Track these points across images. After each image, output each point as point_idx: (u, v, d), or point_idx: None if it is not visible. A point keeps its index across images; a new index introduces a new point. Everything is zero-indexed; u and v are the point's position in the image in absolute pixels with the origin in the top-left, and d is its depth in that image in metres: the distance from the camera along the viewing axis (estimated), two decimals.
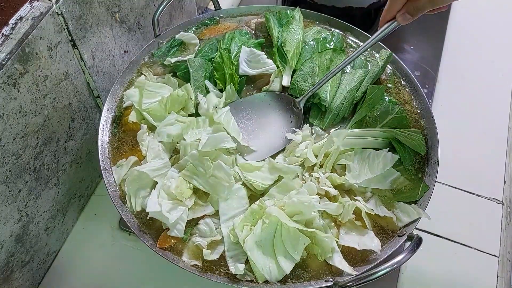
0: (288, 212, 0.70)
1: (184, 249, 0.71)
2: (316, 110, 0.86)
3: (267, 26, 0.97)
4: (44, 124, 0.74)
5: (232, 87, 0.85)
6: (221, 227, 0.71)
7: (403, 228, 0.74)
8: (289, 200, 0.71)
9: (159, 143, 0.78)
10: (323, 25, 1.00)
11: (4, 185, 0.69)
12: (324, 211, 0.73)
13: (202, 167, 0.73)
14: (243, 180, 0.75)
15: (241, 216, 0.71)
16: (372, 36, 0.77)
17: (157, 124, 0.80)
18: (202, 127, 0.79)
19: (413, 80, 0.90)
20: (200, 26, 0.98)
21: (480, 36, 1.28)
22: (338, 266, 0.69)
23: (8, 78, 0.63)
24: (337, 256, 0.69)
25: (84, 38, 0.79)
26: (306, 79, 0.87)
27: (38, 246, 0.82)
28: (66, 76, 0.77)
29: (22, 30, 0.65)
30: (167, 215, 0.69)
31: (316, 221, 0.71)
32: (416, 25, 1.28)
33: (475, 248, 0.94)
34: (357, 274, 0.66)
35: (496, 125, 1.12)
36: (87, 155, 0.90)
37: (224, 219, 0.72)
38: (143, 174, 0.73)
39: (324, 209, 0.72)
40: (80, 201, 0.93)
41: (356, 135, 0.81)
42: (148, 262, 0.87)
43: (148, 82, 0.83)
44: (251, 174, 0.75)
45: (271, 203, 0.72)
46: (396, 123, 0.84)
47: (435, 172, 0.78)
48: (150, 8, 0.98)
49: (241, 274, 0.67)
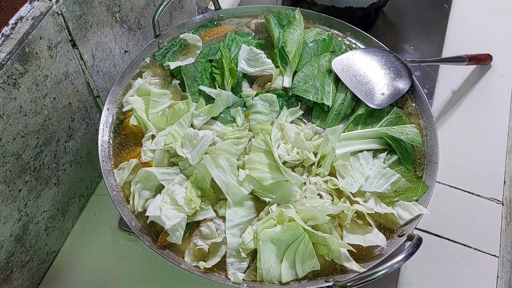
0: (303, 218, 0.71)
1: (185, 250, 0.71)
2: (319, 110, 0.87)
3: (267, 27, 0.97)
4: (44, 124, 0.74)
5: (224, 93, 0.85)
6: (226, 233, 0.72)
7: (404, 226, 0.74)
8: (302, 206, 0.71)
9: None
10: (323, 26, 1.00)
11: (4, 185, 0.69)
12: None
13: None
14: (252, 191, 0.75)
15: (249, 230, 0.71)
16: None
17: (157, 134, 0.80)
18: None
19: (414, 81, 0.91)
20: (199, 28, 0.98)
21: (480, 36, 1.28)
22: (346, 266, 0.69)
23: (8, 78, 0.63)
24: (345, 255, 0.70)
25: (84, 38, 0.79)
26: (307, 80, 0.88)
27: (38, 246, 0.82)
28: (66, 76, 0.77)
29: (22, 30, 0.65)
30: (164, 220, 0.69)
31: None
32: (416, 25, 1.29)
33: (475, 248, 0.94)
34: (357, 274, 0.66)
35: (496, 125, 1.12)
36: (87, 155, 0.90)
37: (230, 225, 0.72)
38: (151, 176, 0.74)
39: (336, 212, 0.72)
40: (80, 201, 0.93)
41: (349, 138, 0.81)
42: (148, 262, 0.87)
43: (152, 91, 0.83)
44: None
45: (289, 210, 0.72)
46: (394, 123, 0.84)
47: (435, 172, 0.79)
48: (150, 8, 0.98)
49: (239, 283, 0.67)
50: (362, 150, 0.81)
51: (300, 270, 0.68)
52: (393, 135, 0.80)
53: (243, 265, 0.70)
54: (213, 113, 0.83)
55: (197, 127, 0.81)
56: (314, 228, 0.70)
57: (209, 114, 0.83)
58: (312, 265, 0.69)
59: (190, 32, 0.96)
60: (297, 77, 0.88)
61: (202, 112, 0.82)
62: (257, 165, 0.74)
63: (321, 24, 1.01)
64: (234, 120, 0.84)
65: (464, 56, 1.07)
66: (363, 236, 0.72)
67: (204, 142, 0.75)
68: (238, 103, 0.86)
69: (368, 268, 0.68)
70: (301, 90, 0.87)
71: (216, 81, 0.87)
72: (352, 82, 0.87)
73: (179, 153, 0.76)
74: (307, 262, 0.69)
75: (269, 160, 0.75)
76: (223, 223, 0.73)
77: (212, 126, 0.83)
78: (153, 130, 0.80)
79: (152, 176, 0.74)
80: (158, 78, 0.89)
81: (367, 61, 0.91)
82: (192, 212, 0.71)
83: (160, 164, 0.77)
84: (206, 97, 0.85)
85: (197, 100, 0.84)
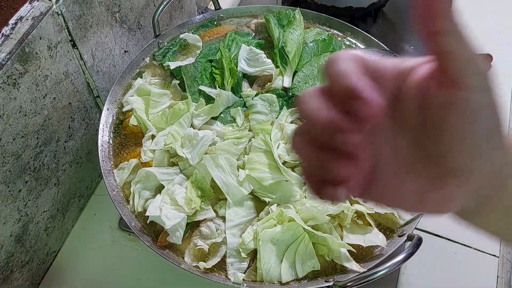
0: (303, 218, 0.71)
1: (185, 250, 0.71)
2: None
3: (267, 27, 0.97)
4: (44, 124, 0.74)
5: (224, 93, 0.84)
6: (226, 233, 0.71)
7: (404, 226, 0.74)
8: (302, 206, 0.71)
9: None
10: (323, 26, 1.00)
11: (4, 185, 0.69)
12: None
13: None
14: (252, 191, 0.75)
15: (249, 230, 0.71)
16: None
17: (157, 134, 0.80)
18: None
19: None
20: (199, 28, 0.98)
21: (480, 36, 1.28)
22: (346, 266, 0.69)
23: (8, 78, 0.63)
24: (345, 255, 0.70)
25: (84, 38, 0.79)
26: (307, 80, 0.88)
27: (38, 246, 0.82)
28: (66, 76, 0.77)
29: (22, 30, 0.65)
30: (164, 220, 0.69)
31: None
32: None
33: (475, 248, 0.94)
34: (357, 274, 0.66)
35: None
36: (87, 155, 0.90)
37: (230, 225, 0.72)
38: (151, 176, 0.74)
39: (336, 212, 0.72)
40: (80, 201, 0.93)
41: None
42: (148, 262, 0.87)
43: (152, 91, 0.83)
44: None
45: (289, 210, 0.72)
46: None
47: None
48: (150, 8, 0.98)
49: (239, 283, 0.67)
50: None
51: (300, 270, 0.68)
52: None
53: (243, 265, 0.70)
54: (213, 113, 0.83)
55: (197, 127, 0.81)
56: (314, 228, 0.70)
57: (209, 114, 0.83)
58: (312, 265, 0.69)
59: (190, 32, 0.96)
60: (297, 77, 0.88)
61: (202, 112, 0.82)
62: (257, 165, 0.74)
63: (321, 24, 1.01)
64: (234, 120, 0.84)
65: None
66: (363, 236, 0.72)
67: (204, 142, 0.75)
68: (238, 103, 0.86)
69: (368, 268, 0.68)
70: (301, 90, 0.87)
71: (216, 81, 0.87)
72: None
73: (179, 153, 0.75)
74: (307, 262, 0.69)
75: (269, 160, 0.75)
76: (223, 223, 0.73)
77: (212, 126, 0.83)
78: (153, 130, 0.80)
79: (152, 176, 0.74)
80: (158, 78, 0.89)
81: None
82: (192, 212, 0.71)
83: (160, 164, 0.77)
84: (206, 97, 0.85)
85: (197, 100, 0.84)
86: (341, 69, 0.27)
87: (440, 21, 0.26)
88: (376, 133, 0.31)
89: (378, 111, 0.27)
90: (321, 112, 0.28)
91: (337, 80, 0.28)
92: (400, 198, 0.33)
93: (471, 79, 0.27)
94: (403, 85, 0.30)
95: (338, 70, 0.28)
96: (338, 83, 0.27)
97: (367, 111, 0.27)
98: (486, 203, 0.34)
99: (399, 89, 0.30)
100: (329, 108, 0.28)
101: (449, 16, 0.26)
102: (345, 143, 0.28)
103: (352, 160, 0.29)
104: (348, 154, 0.29)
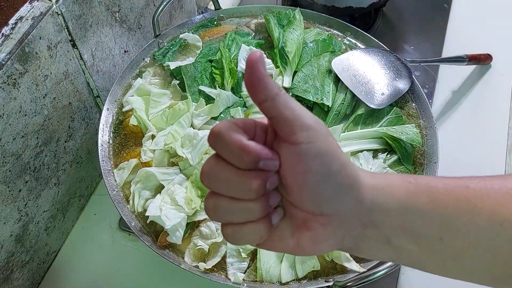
0: None
1: (185, 250, 0.71)
2: (318, 110, 0.86)
3: (267, 27, 0.97)
4: (44, 124, 0.74)
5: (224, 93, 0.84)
6: None
7: None
8: None
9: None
10: (323, 26, 1.00)
11: (4, 185, 0.69)
12: None
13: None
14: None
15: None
16: None
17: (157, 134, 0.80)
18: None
19: (414, 81, 0.91)
20: (199, 28, 0.98)
21: (480, 36, 1.28)
22: (346, 266, 0.69)
23: (8, 78, 0.63)
24: (344, 255, 0.70)
25: (84, 37, 0.79)
26: (307, 80, 0.88)
27: (38, 246, 0.82)
28: (66, 76, 0.77)
29: (22, 30, 0.65)
30: (164, 220, 0.69)
31: None
32: (416, 25, 1.29)
33: None
34: (357, 274, 0.66)
35: (496, 125, 1.12)
36: (87, 155, 0.90)
37: None
38: (151, 176, 0.74)
39: None
40: (80, 201, 0.93)
41: (349, 138, 0.81)
42: (148, 262, 0.87)
43: (152, 91, 0.83)
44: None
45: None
46: (394, 123, 0.84)
47: (435, 172, 0.79)
48: (150, 8, 0.98)
49: (239, 283, 0.67)
50: (362, 150, 0.81)
51: (300, 270, 0.68)
52: (393, 135, 0.80)
53: (243, 265, 0.70)
54: (213, 113, 0.83)
55: (197, 127, 0.81)
56: None
57: (209, 114, 0.83)
58: (312, 265, 0.69)
59: (190, 32, 0.96)
60: (297, 77, 0.88)
61: (202, 112, 0.82)
62: None
63: (321, 24, 1.01)
64: None
65: (464, 56, 1.07)
66: None
67: (204, 142, 0.75)
68: (238, 103, 0.86)
69: (368, 268, 0.68)
70: (301, 90, 0.87)
71: (216, 81, 0.87)
72: (352, 82, 0.87)
73: (179, 153, 0.75)
74: (307, 262, 0.69)
75: None
76: None
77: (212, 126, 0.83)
78: (153, 130, 0.80)
79: (152, 176, 0.74)
80: (158, 78, 0.89)
81: (367, 61, 0.91)
82: (192, 212, 0.71)
83: (160, 164, 0.77)
84: (206, 97, 0.85)
85: (197, 100, 0.84)
86: (224, 141, 0.32)
87: (262, 92, 0.31)
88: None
89: (275, 162, 0.33)
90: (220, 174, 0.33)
91: (224, 149, 0.33)
92: (282, 243, 0.37)
93: (297, 135, 0.32)
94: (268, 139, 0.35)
95: (222, 142, 0.33)
96: (226, 152, 0.33)
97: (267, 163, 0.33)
98: (363, 241, 0.37)
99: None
100: (225, 169, 0.33)
101: (270, 87, 0.31)
102: (242, 208, 0.34)
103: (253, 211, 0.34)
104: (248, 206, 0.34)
